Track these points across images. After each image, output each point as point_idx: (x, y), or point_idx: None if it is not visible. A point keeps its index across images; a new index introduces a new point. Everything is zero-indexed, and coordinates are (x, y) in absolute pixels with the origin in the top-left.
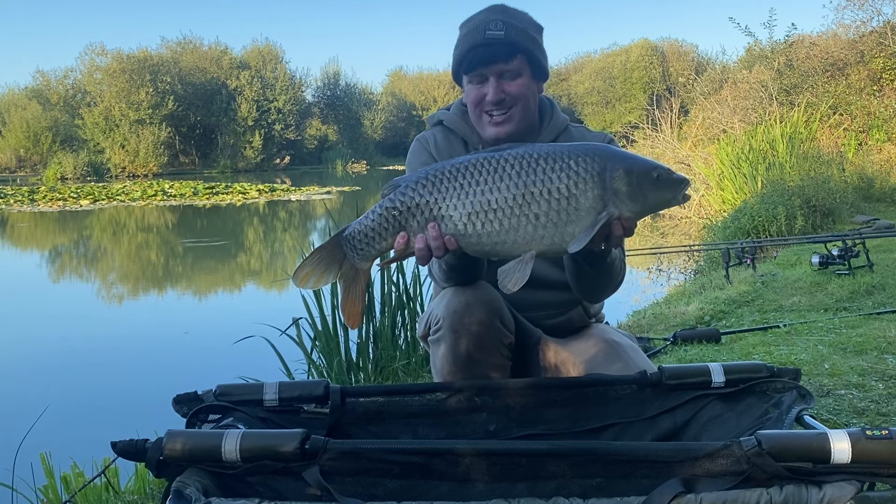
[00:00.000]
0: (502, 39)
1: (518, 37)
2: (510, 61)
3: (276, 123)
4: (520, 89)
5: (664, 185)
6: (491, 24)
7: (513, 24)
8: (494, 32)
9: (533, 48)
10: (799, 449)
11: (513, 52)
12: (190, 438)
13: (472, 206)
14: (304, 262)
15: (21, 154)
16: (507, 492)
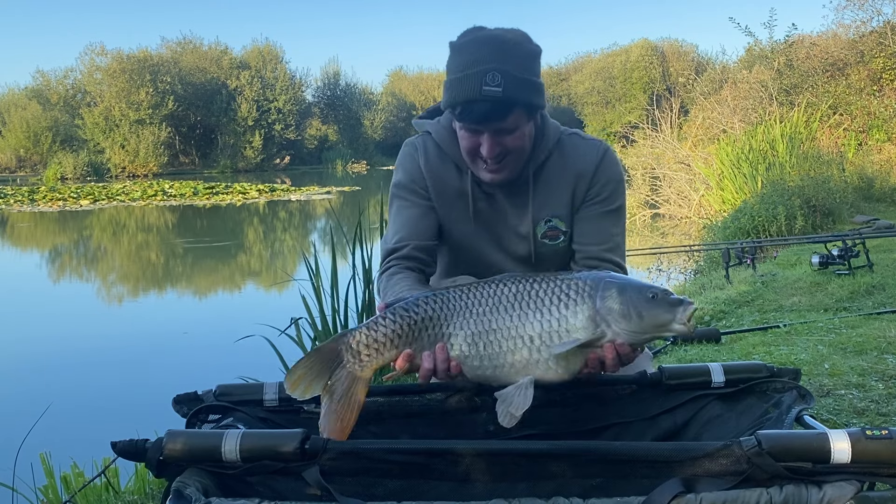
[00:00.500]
0: (500, 98)
1: (516, 91)
2: (507, 118)
3: (276, 123)
4: (516, 143)
5: (659, 304)
6: (488, 77)
7: (511, 75)
8: (491, 88)
9: (531, 96)
10: (799, 449)
11: (510, 108)
12: (190, 438)
13: (475, 327)
14: (298, 364)
15: (21, 154)
16: (507, 492)
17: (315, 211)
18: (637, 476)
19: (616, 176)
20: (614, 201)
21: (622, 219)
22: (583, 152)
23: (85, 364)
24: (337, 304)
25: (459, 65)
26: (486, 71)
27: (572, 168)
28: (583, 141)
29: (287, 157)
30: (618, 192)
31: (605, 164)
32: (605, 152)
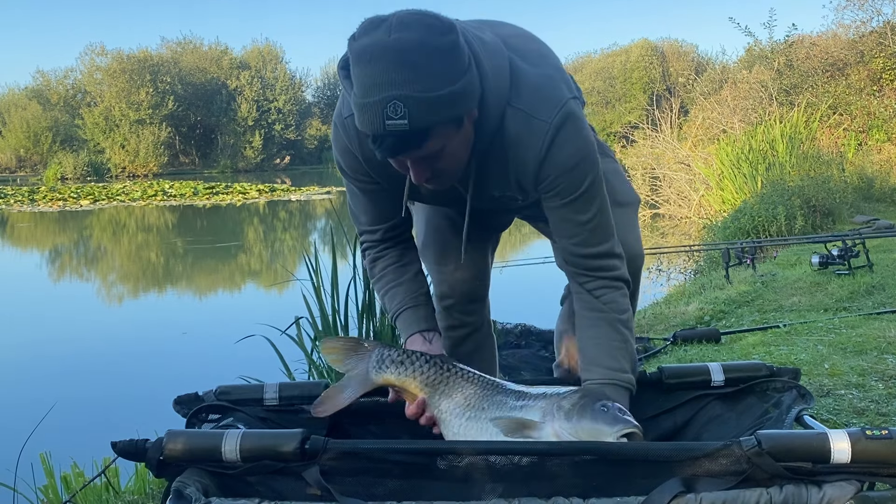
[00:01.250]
0: (406, 130)
1: (427, 115)
2: (423, 146)
3: (276, 123)
4: (447, 162)
5: (603, 416)
6: (389, 109)
7: (415, 99)
8: (395, 122)
9: (448, 112)
10: (799, 449)
11: (424, 136)
12: (190, 438)
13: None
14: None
15: (21, 154)
16: (507, 491)
17: (315, 211)
18: (637, 476)
19: (569, 163)
20: (574, 190)
21: (593, 200)
22: (525, 143)
23: (85, 364)
24: (337, 305)
25: (359, 85)
26: (386, 101)
27: (514, 162)
28: (526, 126)
29: (287, 157)
30: (575, 179)
31: (553, 157)
32: (553, 140)
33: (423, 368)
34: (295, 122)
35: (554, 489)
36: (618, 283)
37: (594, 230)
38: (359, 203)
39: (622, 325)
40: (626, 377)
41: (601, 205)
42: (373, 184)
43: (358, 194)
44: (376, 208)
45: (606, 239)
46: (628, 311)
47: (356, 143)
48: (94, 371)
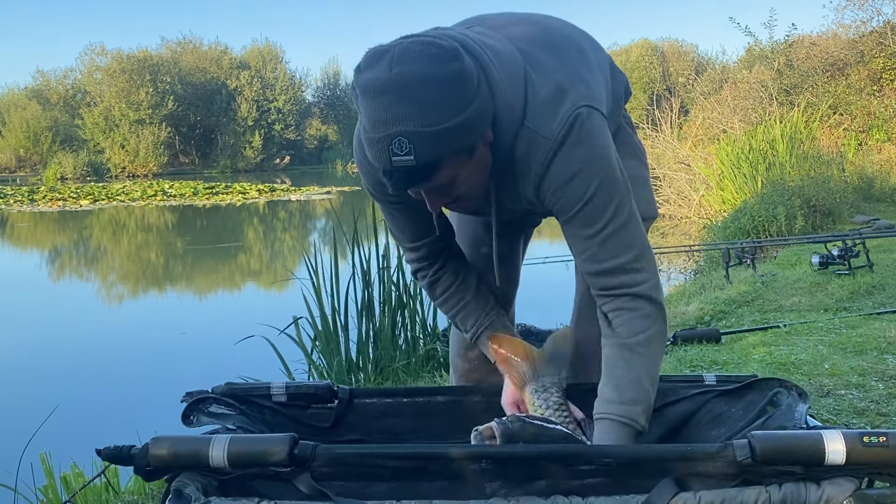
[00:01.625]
0: (413, 167)
1: (434, 149)
2: (434, 178)
3: (276, 123)
4: (461, 189)
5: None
6: (394, 146)
7: (421, 134)
8: (401, 158)
9: (457, 142)
10: (792, 450)
11: (433, 170)
12: (175, 444)
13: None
14: (518, 343)
15: (21, 154)
16: (505, 492)
17: (315, 211)
18: (634, 477)
19: (566, 175)
20: (576, 202)
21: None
22: (529, 160)
23: (84, 364)
24: (337, 304)
25: (366, 119)
26: (391, 138)
27: (521, 180)
28: (533, 144)
29: (287, 157)
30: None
31: (551, 171)
32: (554, 155)
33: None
34: (295, 122)
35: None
36: (638, 301)
37: (604, 243)
38: (396, 222)
39: (627, 351)
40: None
41: (614, 214)
42: (401, 202)
43: (393, 213)
44: (413, 224)
45: (622, 252)
46: (641, 334)
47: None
48: (93, 371)
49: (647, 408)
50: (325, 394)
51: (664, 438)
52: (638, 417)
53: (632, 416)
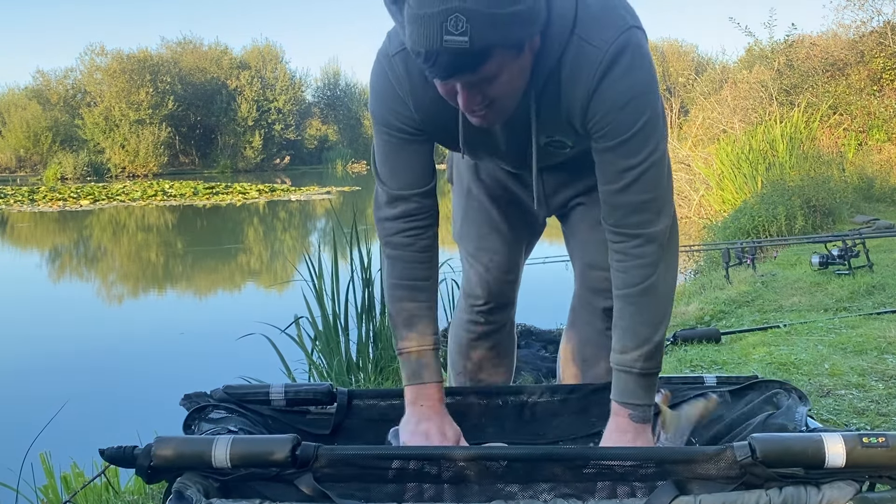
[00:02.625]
0: (466, 49)
1: (489, 34)
2: (481, 68)
3: (276, 123)
4: (501, 90)
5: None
6: (449, 23)
7: (480, 14)
8: (455, 38)
9: (511, 32)
10: (793, 453)
11: (484, 57)
12: (179, 445)
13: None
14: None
15: (21, 154)
16: (505, 494)
17: (315, 211)
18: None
19: (621, 100)
20: (625, 130)
21: (645, 143)
22: (578, 74)
23: (85, 363)
24: (338, 305)
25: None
26: (446, 13)
27: (567, 97)
28: (581, 55)
29: (287, 157)
30: (627, 118)
31: (603, 91)
32: (606, 72)
33: None
34: (295, 122)
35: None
36: (646, 247)
37: (640, 176)
38: (393, 161)
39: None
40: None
41: (654, 150)
42: (416, 134)
43: (394, 149)
44: (414, 167)
45: (653, 188)
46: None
47: (405, 82)
48: (93, 371)
49: (644, 352)
50: (324, 396)
51: None
52: (633, 363)
53: (627, 364)
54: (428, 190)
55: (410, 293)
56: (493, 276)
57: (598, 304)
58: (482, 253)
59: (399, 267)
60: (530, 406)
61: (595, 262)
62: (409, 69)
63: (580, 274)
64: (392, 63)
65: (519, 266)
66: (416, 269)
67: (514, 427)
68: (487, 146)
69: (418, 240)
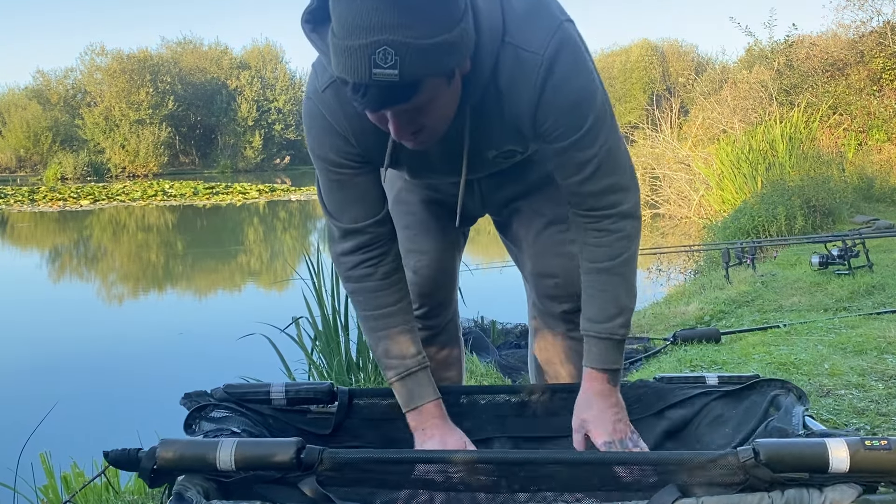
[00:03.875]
0: (396, 83)
1: (420, 66)
2: (412, 99)
3: (276, 123)
4: (434, 117)
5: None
6: (378, 56)
7: (410, 46)
8: (384, 71)
9: (443, 62)
10: (797, 458)
11: (414, 89)
12: (183, 447)
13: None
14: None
15: (21, 154)
16: (508, 498)
17: (315, 211)
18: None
19: (567, 103)
20: (577, 130)
21: (598, 134)
22: (518, 83)
23: (85, 363)
24: (338, 304)
25: (341, 24)
26: (374, 46)
27: (510, 108)
28: (518, 63)
29: (287, 157)
30: (577, 118)
31: (548, 97)
32: (547, 76)
33: None
34: (295, 122)
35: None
36: (621, 222)
37: (599, 165)
38: (341, 197)
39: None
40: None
41: (607, 136)
42: (360, 166)
43: (340, 186)
44: (363, 199)
45: (614, 171)
46: (620, 256)
47: (340, 115)
48: (94, 371)
49: (625, 319)
50: (325, 395)
51: (667, 440)
52: (616, 330)
53: (611, 331)
54: (381, 218)
55: (383, 321)
56: (423, 278)
57: (555, 309)
58: (410, 255)
59: (365, 299)
60: (529, 405)
61: (545, 271)
62: (342, 101)
63: (534, 284)
64: (323, 99)
65: (453, 265)
66: (382, 297)
67: (513, 426)
68: (425, 166)
69: (378, 268)
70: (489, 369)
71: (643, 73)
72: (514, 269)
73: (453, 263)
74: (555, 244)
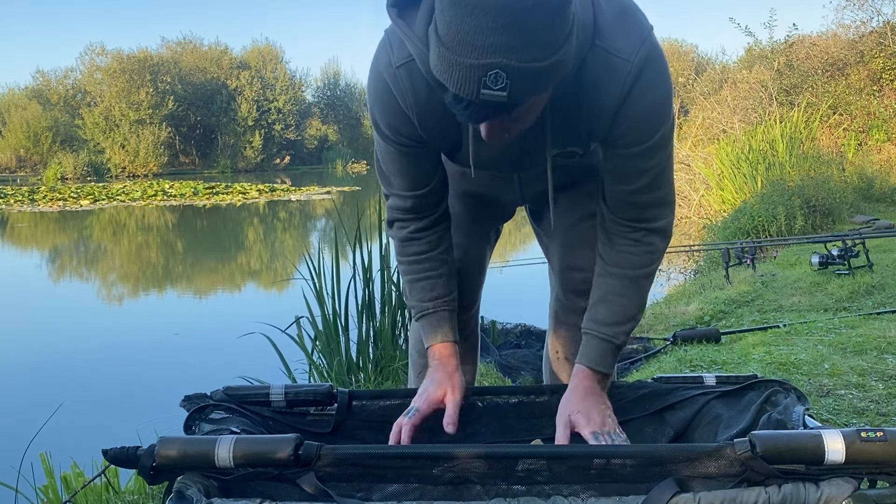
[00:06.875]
0: (504, 102)
1: (527, 88)
2: (513, 113)
3: (276, 123)
4: (525, 121)
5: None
6: (489, 78)
7: (520, 70)
8: (493, 92)
9: (547, 82)
10: (793, 450)
11: (518, 106)
12: (183, 445)
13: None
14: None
15: (21, 154)
16: (506, 492)
17: (315, 211)
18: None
19: (648, 109)
20: (649, 137)
21: (665, 145)
22: (604, 86)
23: (85, 364)
24: (338, 304)
25: (451, 35)
26: (487, 68)
27: (588, 109)
28: (606, 67)
29: (287, 157)
30: (652, 125)
31: (632, 101)
32: (634, 83)
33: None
34: (295, 122)
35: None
36: (653, 236)
37: (655, 177)
38: (396, 165)
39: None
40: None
41: (669, 150)
42: (418, 145)
43: (396, 157)
44: (416, 171)
45: (664, 185)
46: (646, 268)
47: (410, 96)
48: (94, 371)
49: (629, 328)
50: (325, 397)
51: (665, 441)
52: (619, 336)
53: (613, 335)
54: (429, 191)
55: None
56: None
57: (580, 304)
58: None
59: (408, 247)
60: (529, 405)
61: (576, 265)
62: (415, 83)
63: (561, 276)
64: (396, 75)
65: (483, 261)
66: (424, 246)
67: (513, 426)
68: (496, 161)
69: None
70: (489, 369)
71: None
72: (514, 270)
73: (484, 259)
74: (588, 237)
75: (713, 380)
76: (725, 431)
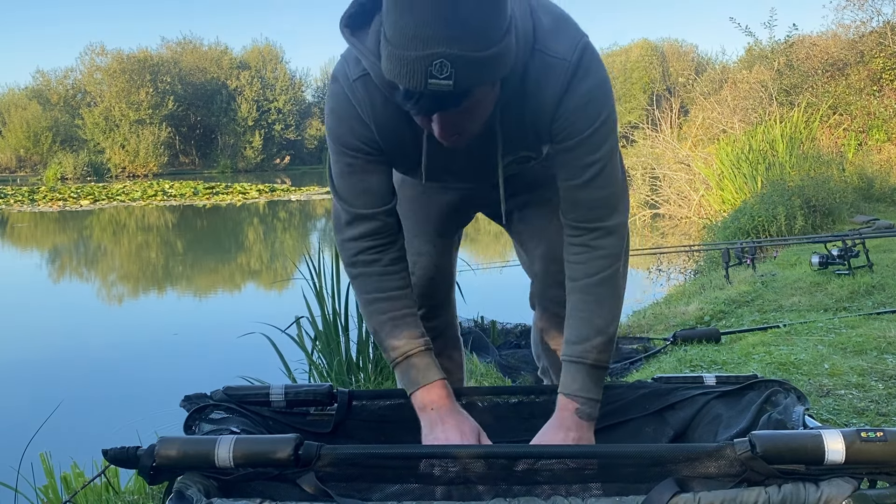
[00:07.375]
0: (451, 91)
1: (473, 76)
2: (461, 104)
3: (276, 123)
4: (475, 118)
5: None
6: (434, 67)
7: (465, 59)
8: (439, 81)
9: (493, 72)
10: (793, 450)
11: (465, 97)
12: (182, 445)
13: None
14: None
15: (21, 154)
16: (506, 492)
17: (315, 211)
18: (634, 478)
19: (585, 98)
20: (588, 126)
21: (605, 139)
22: (545, 84)
23: (85, 363)
24: (338, 304)
25: (397, 32)
26: (431, 58)
27: (532, 111)
28: (546, 68)
29: (287, 157)
30: (590, 113)
31: (571, 92)
32: (572, 77)
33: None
34: (295, 122)
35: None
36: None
37: (601, 171)
38: (354, 181)
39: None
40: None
41: (612, 145)
42: (376, 155)
43: (355, 170)
44: (381, 186)
45: (610, 183)
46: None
47: (367, 106)
48: (93, 371)
49: (601, 343)
50: (324, 397)
51: (665, 441)
52: (589, 354)
53: (582, 354)
54: (390, 209)
55: (389, 303)
56: (421, 279)
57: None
58: (410, 248)
59: (370, 282)
60: (529, 405)
61: (557, 255)
62: (371, 94)
63: (543, 269)
64: (353, 87)
65: (450, 266)
66: (388, 281)
67: (513, 426)
68: (448, 168)
69: (385, 255)
70: (489, 369)
71: (643, 72)
72: (514, 269)
73: (450, 264)
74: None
75: (713, 380)
76: (725, 431)
